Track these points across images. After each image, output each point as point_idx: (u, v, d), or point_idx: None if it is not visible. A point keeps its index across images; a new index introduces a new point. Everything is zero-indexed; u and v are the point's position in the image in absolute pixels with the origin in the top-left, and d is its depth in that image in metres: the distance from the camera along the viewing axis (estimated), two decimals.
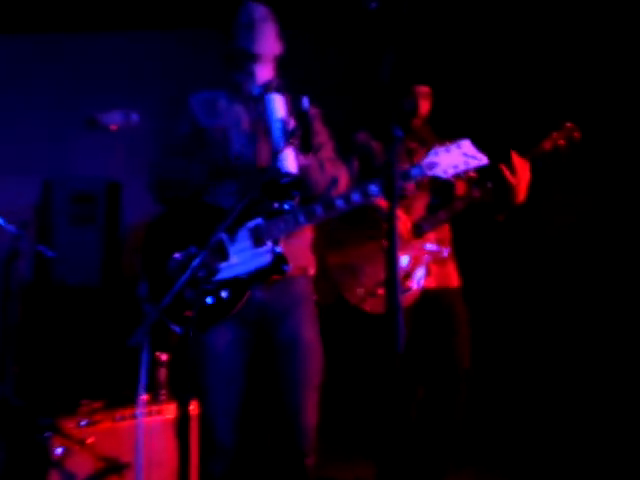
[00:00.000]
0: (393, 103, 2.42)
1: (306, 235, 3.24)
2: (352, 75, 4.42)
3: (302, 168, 3.06)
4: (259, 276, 3.01)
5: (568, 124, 3.77)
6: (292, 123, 3.03)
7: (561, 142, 3.74)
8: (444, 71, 4.49)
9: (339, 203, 3.01)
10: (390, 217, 2.21)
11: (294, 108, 3.05)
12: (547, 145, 3.74)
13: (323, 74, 5.00)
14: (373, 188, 2.98)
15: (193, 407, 3.03)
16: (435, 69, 4.09)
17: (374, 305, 3.67)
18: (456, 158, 2.95)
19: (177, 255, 3.03)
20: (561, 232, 4.85)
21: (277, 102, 3.08)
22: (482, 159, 2.97)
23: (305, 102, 3.01)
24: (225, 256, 2.97)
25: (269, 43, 3.22)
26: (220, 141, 3.17)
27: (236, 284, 2.99)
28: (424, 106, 3.97)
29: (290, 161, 3.01)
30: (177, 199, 3.19)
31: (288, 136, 3.01)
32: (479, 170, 3.06)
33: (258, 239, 3.01)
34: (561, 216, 4.86)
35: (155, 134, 3.55)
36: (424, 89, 3.96)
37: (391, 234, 2.19)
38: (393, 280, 2.17)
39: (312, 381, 3.13)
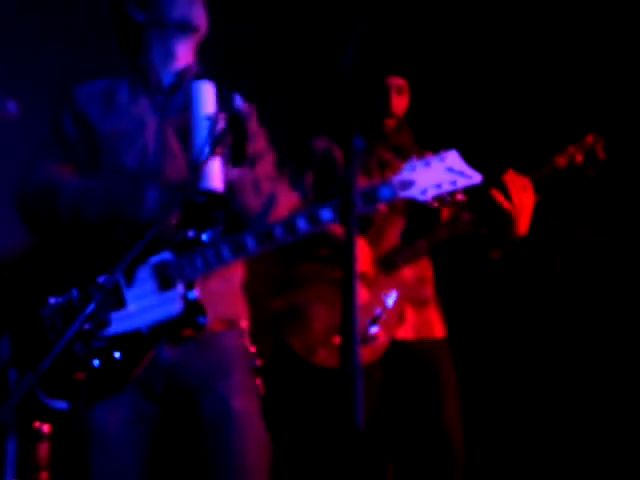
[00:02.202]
0: (356, 100, 2.08)
1: (234, 275, 2.80)
2: (300, 62, 3.84)
3: (230, 185, 2.63)
4: (166, 330, 2.58)
5: (589, 136, 3.28)
6: (221, 124, 2.58)
7: (579, 159, 3.26)
8: (428, 60, 4.17)
9: (278, 232, 2.59)
10: (348, 249, 1.90)
11: (223, 106, 2.62)
12: (560, 162, 3.25)
13: (257, 59, 4.37)
14: (325, 214, 2.57)
15: None
16: (417, 56, 3.65)
17: (327, 358, 3.25)
18: (439, 175, 2.57)
19: (53, 300, 2.60)
20: (565, 270, 4.46)
21: (205, 93, 2.59)
22: (473, 177, 2.56)
23: (238, 99, 2.59)
24: (120, 302, 2.56)
25: (203, 11, 2.82)
26: (118, 149, 2.73)
27: (134, 341, 2.57)
28: (398, 103, 3.47)
29: (215, 174, 2.54)
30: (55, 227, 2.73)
31: (215, 142, 2.53)
32: (469, 191, 2.61)
33: (165, 280, 2.57)
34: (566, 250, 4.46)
35: (38, 130, 2.98)
36: (398, 81, 3.45)
37: (349, 270, 1.89)
38: (351, 329, 1.86)
39: (253, 467, 2.64)
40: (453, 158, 2.57)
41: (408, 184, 2.55)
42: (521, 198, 3.11)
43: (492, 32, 4.62)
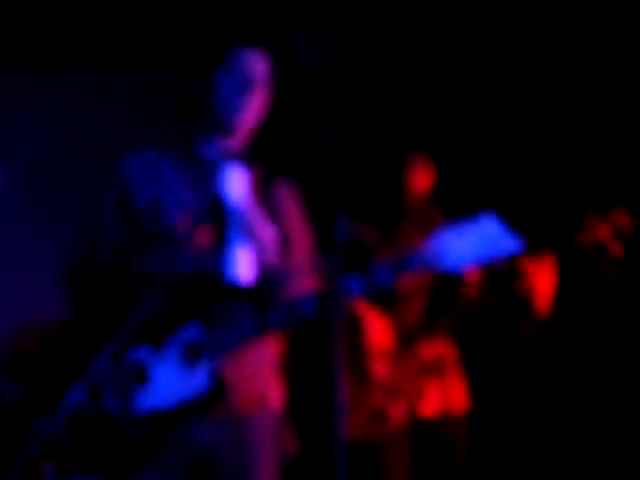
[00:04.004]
0: (339, 182, 1.96)
1: (267, 351, 2.64)
2: (283, 140, 3.78)
3: (264, 272, 2.51)
4: (191, 409, 2.49)
5: (616, 209, 3.07)
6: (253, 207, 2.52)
7: (604, 235, 3.05)
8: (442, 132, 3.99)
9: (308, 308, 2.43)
10: (337, 341, 1.88)
11: (263, 187, 2.56)
12: (584, 239, 3.06)
13: None
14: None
15: None
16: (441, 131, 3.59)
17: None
18: (472, 244, 2.31)
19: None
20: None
21: (235, 176, 2.53)
22: (512, 244, 2.28)
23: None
24: (144, 377, 2.49)
25: (255, 113, 2.64)
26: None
27: (160, 418, 2.49)
28: (421, 180, 3.43)
29: (245, 262, 2.46)
30: None
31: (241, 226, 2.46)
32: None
33: (191, 356, 2.48)
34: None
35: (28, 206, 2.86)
36: (420, 158, 3.43)
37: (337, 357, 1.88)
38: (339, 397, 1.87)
39: None
40: (489, 224, 2.33)
41: (440, 254, 2.32)
42: (540, 276, 3.06)
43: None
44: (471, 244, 2.34)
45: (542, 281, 3.06)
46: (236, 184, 2.54)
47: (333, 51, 2.00)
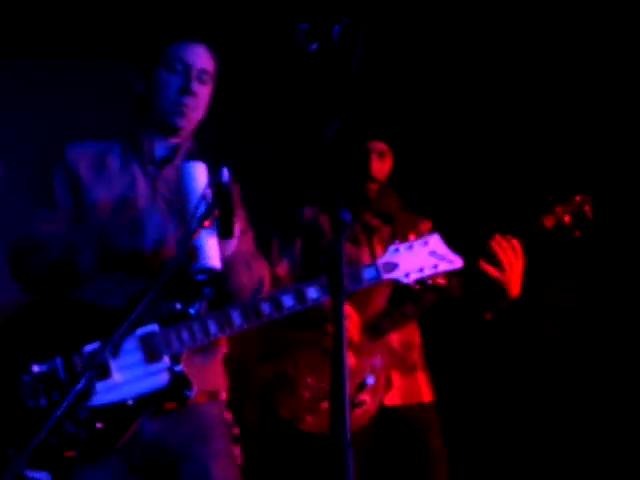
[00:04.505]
0: (339, 168, 2.05)
1: (217, 347, 2.76)
2: (287, 132, 3.80)
3: (227, 262, 2.56)
4: (151, 402, 2.53)
5: (577, 196, 3.28)
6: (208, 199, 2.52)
7: (567, 219, 3.24)
8: (412, 122, 4.14)
9: (265, 308, 2.60)
10: (337, 318, 1.94)
11: (211, 179, 2.55)
12: (547, 222, 3.24)
13: (244, 129, 4.32)
14: (312, 292, 2.60)
15: None
16: (400, 119, 3.65)
17: (314, 423, 3.21)
18: (422, 259, 2.65)
19: (36, 367, 2.51)
20: (557, 331, 4.39)
21: (197, 172, 2.52)
22: (454, 262, 2.66)
23: (225, 174, 2.48)
24: (104, 372, 2.49)
25: (201, 110, 2.76)
26: (111, 217, 2.68)
27: (118, 412, 2.50)
28: (380, 168, 3.43)
29: (213, 252, 2.46)
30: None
31: (203, 216, 2.44)
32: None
33: (151, 352, 2.53)
34: (558, 308, 4.36)
35: (26, 194, 2.96)
36: (379, 145, 3.42)
37: (339, 337, 1.92)
38: (340, 395, 1.89)
39: None
40: (436, 242, 2.64)
41: (392, 266, 2.62)
42: (511, 262, 3.09)
43: (475, 89, 4.60)
44: (420, 259, 2.63)
45: (514, 265, 3.10)
46: (203, 179, 2.53)
47: (336, 41, 2.00)
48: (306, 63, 2.15)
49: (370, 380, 3.19)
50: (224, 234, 2.48)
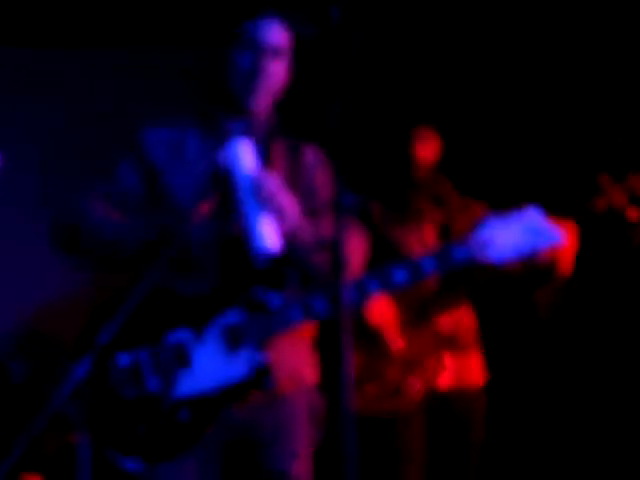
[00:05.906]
0: (343, 155, 1.87)
1: (304, 335, 2.65)
2: (289, 117, 3.77)
3: (291, 243, 2.44)
4: (233, 393, 2.48)
5: (633, 176, 3.08)
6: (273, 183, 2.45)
7: (620, 200, 3.07)
8: (455, 105, 3.99)
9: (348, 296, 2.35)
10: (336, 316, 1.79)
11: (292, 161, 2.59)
12: (601, 203, 3.08)
13: None
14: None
15: None
16: (445, 104, 3.58)
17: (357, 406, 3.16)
18: (517, 235, 2.35)
19: (124, 359, 2.48)
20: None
21: (244, 151, 2.45)
22: (554, 237, 2.36)
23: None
24: (185, 361, 2.46)
25: (276, 87, 2.62)
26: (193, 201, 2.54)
27: (201, 403, 2.48)
28: (426, 152, 3.36)
29: (268, 234, 2.37)
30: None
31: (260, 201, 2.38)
32: None
33: (233, 341, 2.47)
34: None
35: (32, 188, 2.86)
36: (422, 130, 3.36)
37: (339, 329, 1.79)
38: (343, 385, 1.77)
39: None
40: (533, 216, 2.38)
41: (485, 245, 2.34)
42: (565, 242, 2.99)
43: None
44: (515, 235, 2.36)
45: (568, 245, 2.98)
46: (250, 157, 2.47)
47: (333, 22, 1.90)
48: (303, 44, 2.08)
49: (418, 363, 3.19)
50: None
